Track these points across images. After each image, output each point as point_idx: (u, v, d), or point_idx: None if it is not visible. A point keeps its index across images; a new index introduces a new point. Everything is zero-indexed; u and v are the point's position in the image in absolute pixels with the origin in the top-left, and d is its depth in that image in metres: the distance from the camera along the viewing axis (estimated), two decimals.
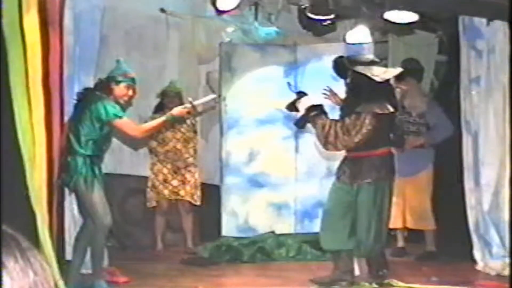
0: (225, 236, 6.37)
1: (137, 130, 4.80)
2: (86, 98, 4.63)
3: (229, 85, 6.57)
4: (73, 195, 4.82)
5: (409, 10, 5.35)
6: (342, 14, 5.78)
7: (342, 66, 4.80)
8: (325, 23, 5.96)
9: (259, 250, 6.02)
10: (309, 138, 5.16)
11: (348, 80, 4.77)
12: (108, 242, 5.15)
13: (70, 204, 5.03)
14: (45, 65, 4.14)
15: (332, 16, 5.66)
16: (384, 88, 4.65)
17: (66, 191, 4.89)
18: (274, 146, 6.58)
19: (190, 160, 6.30)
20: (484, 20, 5.38)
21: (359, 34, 5.98)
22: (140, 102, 5.90)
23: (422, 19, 5.60)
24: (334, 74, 5.00)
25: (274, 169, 6.59)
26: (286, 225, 6.58)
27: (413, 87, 5.91)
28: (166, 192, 6.18)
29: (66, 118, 4.66)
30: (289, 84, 5.20)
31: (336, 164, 5.01)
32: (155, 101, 6.25)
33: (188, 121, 6.27)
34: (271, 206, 6.63)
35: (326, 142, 4.60)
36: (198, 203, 6.32)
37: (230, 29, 6.66)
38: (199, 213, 6.59)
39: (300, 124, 4.86)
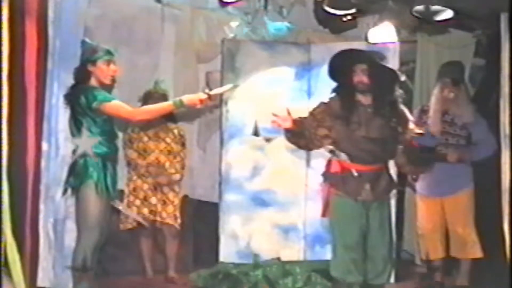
0: (223, 262, 6.28)
1: (133, 112, 4.80)
2: (73, 95, 4.74)
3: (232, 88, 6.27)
4: (51, 211, 4.92)
5: (443, 6, 5.37)
6: (364, 9, 5.82)
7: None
8: (344, 19, 6.02)
9: (262, 279, 5.93)
10: (323, 151, 5.04)
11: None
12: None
13: (46, 222, 4.99)
14: (20, 61, 4.22)
15: (353, 10, 5.70)
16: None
17: (42, 206, 4.87)
18: (282, 159, 6.48)
19: (176, 177, 6.19)
20: None
21: (384, 32, 6.01)
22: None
23: (458, 16, 5.61)
24: None
25: (281, 185, 6.50)
26: (294, 251, 6.50)
27: (461, 93, 5.80)
28: (145, 211, 6.09)
29: (44, 120, 4.75)
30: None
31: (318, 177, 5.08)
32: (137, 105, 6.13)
33: (175, 131, 6.24)
34: (277, 228, 6.54)
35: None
36: (178, 227, 6.24)
37: (234, 24, 6.61)
38: (193, 235, 6.56)
39: None
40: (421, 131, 4.89)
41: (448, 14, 5.40)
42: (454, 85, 5.68)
